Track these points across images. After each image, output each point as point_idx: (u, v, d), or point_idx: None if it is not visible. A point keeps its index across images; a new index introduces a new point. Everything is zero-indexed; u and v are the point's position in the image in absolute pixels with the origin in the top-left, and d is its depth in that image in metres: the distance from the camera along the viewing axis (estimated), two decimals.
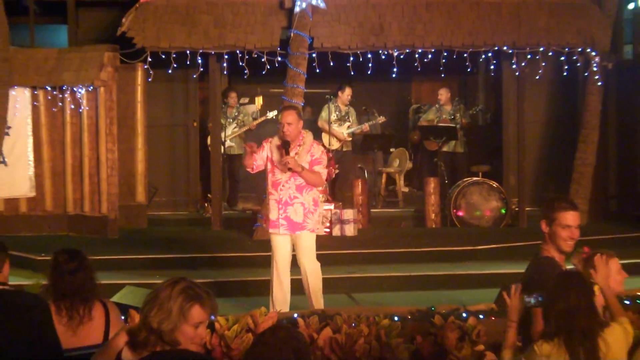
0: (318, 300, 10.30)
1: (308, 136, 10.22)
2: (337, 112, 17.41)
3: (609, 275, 7.00)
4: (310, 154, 10.08)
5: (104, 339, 6.27)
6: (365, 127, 17.71)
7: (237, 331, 8.75)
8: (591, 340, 5.72)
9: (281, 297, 10.24)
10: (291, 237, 10.23)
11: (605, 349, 5.77)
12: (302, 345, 4.79)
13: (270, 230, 10.28)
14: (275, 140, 10.11)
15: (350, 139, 17.55)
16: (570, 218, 6.60)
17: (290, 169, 9.87)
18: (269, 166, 10.19)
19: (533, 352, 5.88)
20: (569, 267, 6.94)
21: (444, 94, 17.98)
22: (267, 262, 10.54)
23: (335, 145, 16.70)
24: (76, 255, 6.59)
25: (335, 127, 17.19)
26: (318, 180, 10.18)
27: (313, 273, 10.38)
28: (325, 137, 17.01)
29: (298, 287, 10.65)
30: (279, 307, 9.89)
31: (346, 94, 17.48)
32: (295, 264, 10.60)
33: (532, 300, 6.15)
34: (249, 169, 10.62)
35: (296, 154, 9.95)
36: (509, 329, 6.30)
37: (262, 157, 10.18)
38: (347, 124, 17.36)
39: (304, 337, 4.94)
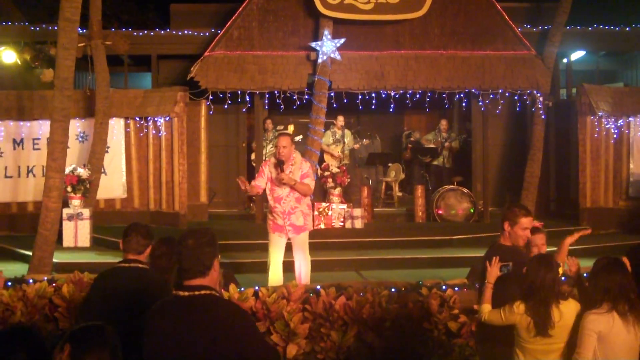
0: (307, 279, 10.16)
1: (298, 156, 10.06)
2: (333, 137, 17.33)
3: (543, 245, 7.17)
4: (301, 169, 9.96)
5: None
6: (356, 146, 17.75)
7: (275, 298, 8.82)
8: (546, 308, 5.63)
9: (277, 277, 10.08)
10: (286, 233, 10.09)
11: (558, 316, 5.66)
12: None
13: (275, 233, 10.12)
14: (273, 160, 9.99)
15: (345, 154, 17.49)
16: (527, 222, 6.55)
17: (284, 184, 9.78)
18: (269, 185, 9.97)
19: (511, 309, 5.79)
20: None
21: (444, 124, 17.88)
22: (289, 247, 10.39)
23: (333, 162, 16.60)
24: (168, 241, 6.65)
25: (332, 148, 17.19)
26: (308, 190, 9.97)
27: (306, 260, 10.24)
28: (326, 156, 17.01)
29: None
30: (276, 284, 9.73)
31: (339, 121, 17.35)
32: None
33: (505, 269, 6.24)
34: (256, 194, 10.64)
35: (290, 172, 9.80)
36: (487, 289, 6.16)
37: (263, 180, 9.98)
38: (341, 144, 17.32)
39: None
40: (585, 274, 6.34)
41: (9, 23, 18.33)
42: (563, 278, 6.59)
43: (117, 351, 3.55)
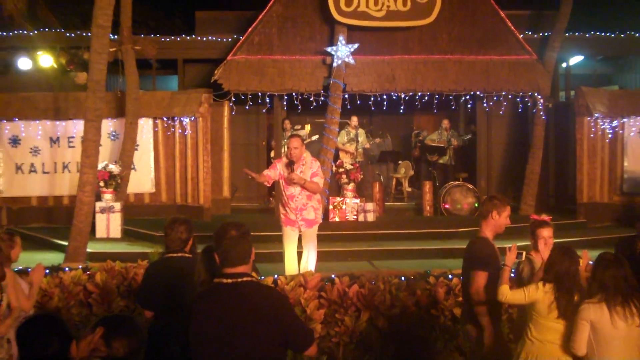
0: (314, 267, 10.18)
1: (308, 156, 10.06)
2: (347, 136, 17.29)
3: (550, 237, 6.98)
4: (311, 169, 9.96)
5: None
6: (369, 145, 17.73)
7: (293, 286, 8.83)
8: (571, 295, 5.75)
9: (293, 267, 10.15)
10: (298, 227, 10.14)
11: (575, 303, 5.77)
12: None
13: (288, 227, 10.16)
14: (285, 160, 9.97)
15: (359, 151, 17.43)
16: (509, 210, 6.64)
17: (295, 183, 9.80)
18: (282, 183, 9.98)
19: (536, 288, 5.86)
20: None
21: (446, 123, 17.79)
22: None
23: (347, 159, 16.62)
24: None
25: (347, 146, 17.16)
26: (317, 188, 10.00)
27: (314, 250, 10.29)
28: (341, 154, 16.99)
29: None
30: (292, 273, 9.84)
31: (352, 121, 17.32)
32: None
33: (520, 257, 6.46)
34: (265, 184, 10.51)
35: (301, 171, 9.82)
36: (505, 272, 6.18)
37: (275, 173, 9.95)
38: (355, 143, 17.31)
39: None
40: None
41: (46, 30, 18.39)
42: None
43: (141, 341, 3.59)
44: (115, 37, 14.75)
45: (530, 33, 17.82)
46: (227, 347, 4.36)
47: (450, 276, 9.32)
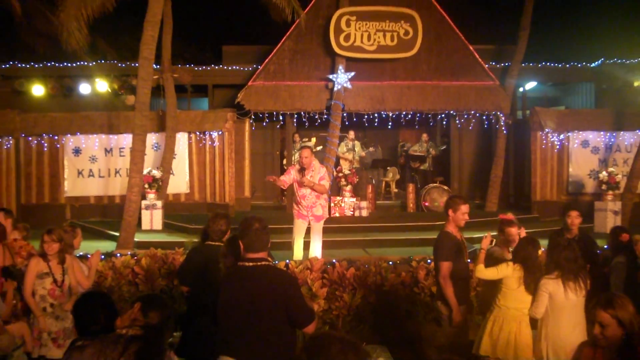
0: (320, 254, 10.11)
1: (316, 163, 10.06)
2: (346, 146, 17.20)
3: (517, 235, 7.02)
4: (319, 173, 9.93)
5: None
6: (363, 154, 17.65)
7: (301, 269, 8.83)
8: (534, 274, 6.05)
9: (301, 253, 10.14)
10: (309, 220, 10.11)
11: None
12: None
13: (300, 219, 10.13)
14: (297, 167, 10.02)
15: (356, 159, 17.29)
16: (466, 208, 6.61)
17: (306, 186, 9.80)
18: (296, 185, 9.98)
19: (507, 266, 6.19)
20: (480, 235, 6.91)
21: (425, 136, 17.76)
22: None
23: (345, 166, 16.56)
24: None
25: (345, 155, 17.06)
26: (324, 190, 9.96)
27: (320, 240, 10.25)
28: (341, 161, 16.89)
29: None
30: (299, 258, 9.88)
31: (350, 134, 17.16)
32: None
33: (491, 243, 6.74)
34: (282, 187, 10.60)
35: (311, 176, 9.82)
36: (481, 254, 6.44)
37: (290, 178, 9.98)
38: (353, 152, 17.25)
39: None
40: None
41: (102, 61, 18.41)
42: None
43: (170, 312, 3.64)
44: (158, 66, 14.76)
45: (493, 63, 17.80)
46: (247, 316, 4.45)
47: (429, 261, 9.31)
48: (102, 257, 9.64)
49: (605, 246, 8.94)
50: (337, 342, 2.72)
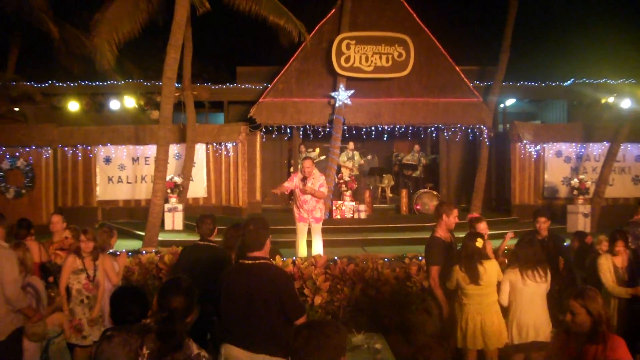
0: (321, 252, 10.02)
1: (316, 172, 9.92)
2: (347, 156, 17.20)
3: (486, 228, 7.25)
4: (319, 181, 9.82)
5: None
6: (362, 162, 17.62)
7: (307, 265, 8.81)
8: (474, 265, 6.10)
9: (304, 252, 10.06)
10: (309, 223, 10.03)
11: (483, 270, 6.08)
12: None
13: (301, 222, 10.05)
14: (300, 175, 9.92)
15: (355, 167, 17.30)
16: (456, 212, 6.66)
17: (308, 193, 9.73)
18: (297, 192, 9.88)
19: (453, 271, 6.24)
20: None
21: (417, 147, 17.83)
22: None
23: (346, 173, 16.50)
24: (237, 226, 6.60)
25: (346, 163, 17.04)
26: (323, 195, 9.89)
27: (320, 240, 10.16)
28: (342, 169, 16.82)
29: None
30: (302, 256, 9.79)
31: (350, 145, 17.23)
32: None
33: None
34: (285, 192, 10.54)
35: (312, 183, 9.73)
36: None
37: (292, 184, 9.88)
38: (352, 161, 17.25)
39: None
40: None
41: (130, 80, 18.46)
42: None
43: (191, 294, 3.49)
44: (179, 85, 14.78)
45: (477, 82, 17.80)
46: (245, 307, 4.46)
47: (420, 258, 9.29)
48: (129, 254, 9.67)
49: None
50: (327, 325, 2.78)
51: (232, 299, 4.49)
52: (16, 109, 17.57)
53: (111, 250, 8.02)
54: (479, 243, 6.20)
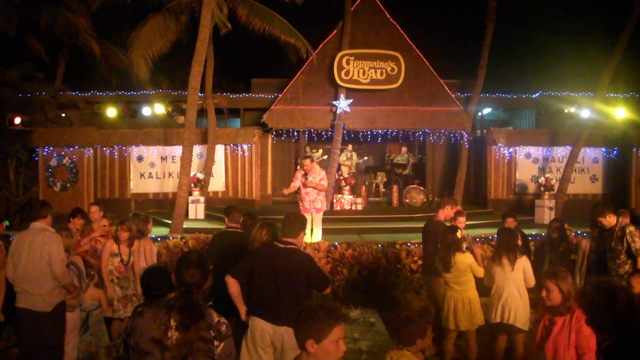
0: (320, 239, 9.93)
1: (317, 167, 9.90)
2: (346, 156, 17.16)
3: (463, 222, 7.19)
4: (319, 176, 9.78)
5: None
6: (359, 162, 17.53)
7: (311, 250, 8.76)
8: (447, 255, 6.09)
9: (307, 239, 9.95)
10: (311, 212, 9.88)
11: (453, 261, 6.06)
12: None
13: (305, 213, 9.81)
14: (302, 172, 9.88)
15: (353, 166, 17.29)
16: (457, 209, 6.75)
17: (309, 186, 9.66)
18: (301, 185, 9.78)
19: (436, 259, 6.20)
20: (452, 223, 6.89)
21: (404, 149, 17.79)
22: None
23: (345, 171, 16.47)
24: (252, 216, 6.56)
25: (345, 162, 17.01)
26: (323, 188, 9.78)
27: (320, 228, 10.06)
28: (342, 167, 16.77)
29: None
30: (307, 241, 9.72)
31: (349, 147, 17.23)
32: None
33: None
34: (295, 189, 10.20)
35: (312, 178, 9.67)
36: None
37: (298, 181, 9.82)
38: (351, 161, 17.22)
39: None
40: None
41: (160, 90, 18.45)
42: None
43: (203, 266, 3.30)
44: (202, 94, 14.75)
45: (459, 94, 17.69)
46: (273, 283, 4.48)
47: (409, 244, 9.28)
48: (158, 239, 9.64)
49: (542, 234, 8.88)
50: (320, 308, 2.73)
51: (263, 274, 4.51)
52: (63, 115, 17.57)
53: (152, 236, 8.03)
54: (459, 234, 6.20)
